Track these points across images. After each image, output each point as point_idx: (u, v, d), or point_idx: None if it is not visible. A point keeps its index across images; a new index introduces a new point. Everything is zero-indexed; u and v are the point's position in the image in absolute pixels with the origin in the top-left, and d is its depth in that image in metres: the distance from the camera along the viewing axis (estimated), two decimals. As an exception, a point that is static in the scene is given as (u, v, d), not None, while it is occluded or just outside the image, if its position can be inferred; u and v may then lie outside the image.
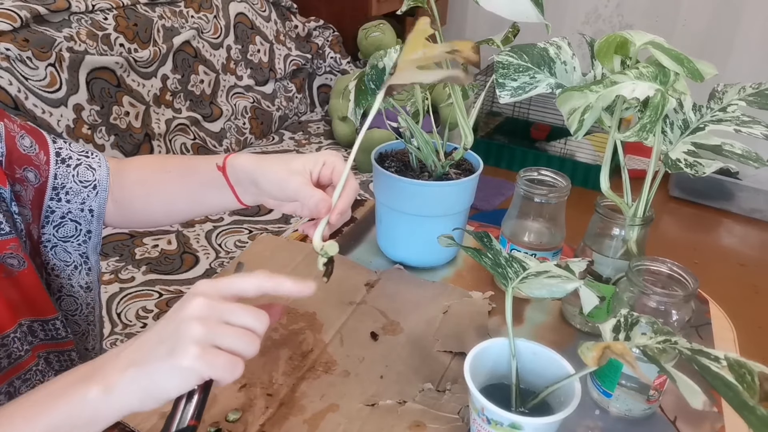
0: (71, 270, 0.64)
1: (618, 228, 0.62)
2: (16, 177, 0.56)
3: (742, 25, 2.36)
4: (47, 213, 0.60)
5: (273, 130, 2.05)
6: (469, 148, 0.73)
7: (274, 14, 2.09)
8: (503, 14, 0.57)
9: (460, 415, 0.56)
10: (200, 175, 0.61)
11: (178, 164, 0.65)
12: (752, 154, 0.53)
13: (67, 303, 0.64)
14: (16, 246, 0.54)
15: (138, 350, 0.40)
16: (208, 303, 0.40)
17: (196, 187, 0.62)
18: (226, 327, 0.40)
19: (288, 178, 0.52)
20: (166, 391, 0.39)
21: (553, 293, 0.51)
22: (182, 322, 0.39)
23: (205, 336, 0.39)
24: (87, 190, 0.62)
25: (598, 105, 0.51)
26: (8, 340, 0.55)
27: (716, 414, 0.58)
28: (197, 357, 0.38)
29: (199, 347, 0.38)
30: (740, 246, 2.34)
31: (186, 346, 0.38)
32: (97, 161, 0.64)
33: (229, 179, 0.57)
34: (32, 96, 1.26)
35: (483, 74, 2.66)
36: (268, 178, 0.54)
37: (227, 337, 0.40)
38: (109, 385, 0.39)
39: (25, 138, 0.59)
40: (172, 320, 0.40)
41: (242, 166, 0.56)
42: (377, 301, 0.73)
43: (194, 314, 0.39)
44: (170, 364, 0.38)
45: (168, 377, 0.38)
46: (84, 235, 0.63)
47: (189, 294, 0.41)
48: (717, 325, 0.71)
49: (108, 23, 1.48)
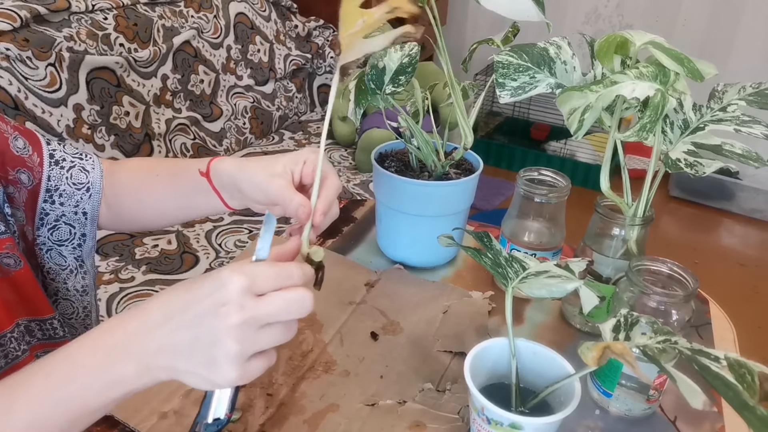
0: (66, 274, 0.63)
1: (618, 228, 0.62)
2: (9, 179, 0.56)
3: (742, 25, 2.36)
4: (41, 215, 0.60)
5: (273, 130, 2.05)
6: (469, 148, 0.73)
7: (274, 14, 2.09)
8: (504, 13, 0.56)
9: (460, 415, 0.56)
10: (188, 179, 0.60)
11: (167, 168, 0.64)
12: (752, 153, 0.53)
13: (63, 306, 0.64)
14: (11, 245, 0.54)
15: (169, 339, 0.39)
16: (244, 318, 0.37)
17: (185, 192, 0.61)
18: (264, 332, 0.38)
19: (269, 181, 0.51)
20: (203, 388, 0.40)
21: (553, 293, 0.51)
22: (218, 340, 0.37)
23: (242, 353, 0.38)
24: (80, 193, 0.62)
25: (598, 105, 0.51)
26: (5, 340, 0.55)
27: (716, 414, 0.58)
28: (235, 376, 0.38)
29: (238, 367, 0.38)
30: (740, 246, 2.34)
31: (224, 365, 0.37)
32: (90, 163, 0.64)
33: (214, 185, 0.57)
34: (32, 96, 1.26)
35: (483, 74, 2.67)
36: (250, 182, 0.53)
37: (267, 341, 0.39)
38: (143, 369, 0.39)
39: (19, 139, 0.58)
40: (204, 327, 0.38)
41: (225, 171, 0.55)
42: (377, 301, 0.73)
43: (229, 332, 0.37)
44: (208, 376, 0.38)
45: (204, 383, 0.39)
46: (78, 238, 0.63)
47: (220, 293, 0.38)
48: (717, 325, 0.71)
49: (108, 23, 1.48)
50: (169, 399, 0.57)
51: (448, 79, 0.69)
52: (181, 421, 0.55)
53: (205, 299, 0.38)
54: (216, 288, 0.38)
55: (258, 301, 0.38)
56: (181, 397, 0.57)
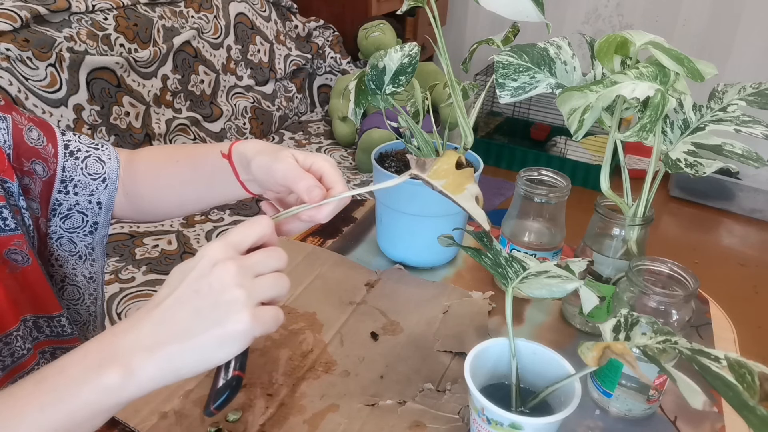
0: (75, 260, 0.63)
1: (618, 228, 0.62)
2: (24, 170, 0.56)
3: (742, 25, 2.36)
4: (54, 205, 0.60)
5: (273, 130, 2.06)
6: (469, 148, 0.73)
7: (274, 14, 2.09)
8: (503, 14, 0.56)
9: (460, 415, 0.56)
10: (209, 164, 0.60)
11: (187, 153, 0.63)
12: (752, 154, 0.53)
13: (70, 292, 0.64)
14: (21, 242, 0.54)
15: (166, 326, 0.39)
16: (238, 264, 0.40)
17: (205, 177, 0.61)
18: (260, 280, 0.40)
19: (274, 161, 0.50)
20: (215, 361, 0.39)
21: (553, 293, 0.51)
22: (223, 291, 0.38)
23: (249, 297, 0.39)
24: (96, 183, 0.62)
25: (598, 105, 0.51)
26: (11, 339, 0.55)
27: (716, 414, 0.58)
28: (250, 320, 0.38)
29: (249, 310, 0.39)
30: (740, 246, 2.34)
31: (237, 313, 0.38)
32: (107, 154, 0.64)
33: (235, 167, 0.56)
34: (32, 96, 1.26)
35: (483, 74, 2.67)
36: (258, 165, 0.51)
37: (266, 289, 0.40)
38: (134, 368, 0.38)
39: (33, 130, 0.58)
40: (203, 291, 0.39)
41: (242, 153, 0.54)
42: (377, 301, 0.73)
43: (231, 280, 0.39)
44: (223, 333, 0.38)
45: (219, 346, 0.38)
46: (90, 226, 0.63)
47: (206, 259, 0.40)
48: (717, 325, 0.71)
49: (108, 23, 1.48)
50: (169, 399, 0.57)
51: (448, 79, 0.69)
52: (181, 421, 0.55)
53: (192, 272, 0.40)
54: (198, 260, 0.40)
55: (243, 256, 0.41)
56: (181, 397, 0.57)
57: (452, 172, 0.47)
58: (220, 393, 0.39)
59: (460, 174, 0.47)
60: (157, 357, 0.38)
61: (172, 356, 0.38)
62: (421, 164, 0.48)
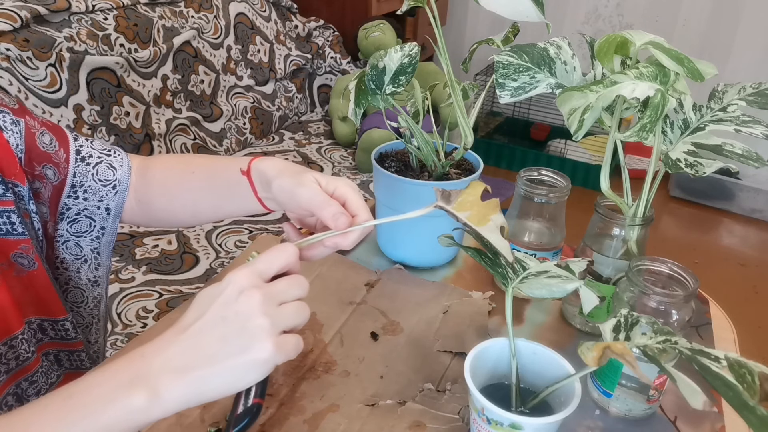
0: (80, 263, 0.63)
1: (618, 228, 0.62)
2: (36, 174, 0.56)
3: (742, 25, 2.36)
4: (63, 209, 0.60)
5: (273, 130, 2.06)
6: (469, 148, 0.73)
7: (274, 14, 2.09)
8: (503, 14, 0.57)
9: (460, 415, 0.56)
10: (225, 178, 0.59)
11: (203, 165, 0.63)
12: (752, 154, 0.53)
13: (74, 295, 0.64)
14: (27, 247, 0.54)
15: (194, 351, 0.39)
16: (263, 293, 0.41)
17: (220, 191, 0.61)
18: (284, 309, 0.42)
19: (298, 184, 0.50)
20: (239, 386, 0.40)
21: (553, 293, 0.51)
22: (248, 319, 0.40)
23: (273, 326, 0.40)
24: (106, 189, 0.62)
25: (598, 105, 0.51)
26: (16, 342, 0.55)
27: (716, 414, 0.58)
28: (274, 349, 0.39)
29: (273, 339, 0.40)
30: (740, 246, 2.34)
31: (262, 341, 0.39)
32: (119, 160, 0.63)
33: (254, 184, 0.56)
34: (32, 96, 1.26)
35: (483, 74, 2.67)
36: (278, 183, 0.52)
37: (289, 318, 0.42)
38: (161, 391, 0.38)
39: (45, 135, 0.58)
40: (230, 318, 0.40)
41: (263, 172, 0.54)
42: (377, 301, 0.73)
43: (257, 308, 0.40)
44: (247, 360, 0.39)
45: (245, 372, 0.39)
46: (97, 231, 0.63)
47: (232, 286, 0.41)
48: (717, 325, 0.71)
49: (108, 23, 1.48)
50: (169, 399, 0.57)
51: (448, 79, 0.69)
52: (181, 421, 0.55)
53: (219, 298, 0.41)
54: (224, 287, 0.41)
55: (268, 284, 0.42)
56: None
57: (477, 204, 0.48)
58: (239, 419, 0.40)
59: (485, 205, 0.48)
60: (185, 380, 0.39)
61: (198, 380, 0.39)
62: (446, 196, 0.48)
